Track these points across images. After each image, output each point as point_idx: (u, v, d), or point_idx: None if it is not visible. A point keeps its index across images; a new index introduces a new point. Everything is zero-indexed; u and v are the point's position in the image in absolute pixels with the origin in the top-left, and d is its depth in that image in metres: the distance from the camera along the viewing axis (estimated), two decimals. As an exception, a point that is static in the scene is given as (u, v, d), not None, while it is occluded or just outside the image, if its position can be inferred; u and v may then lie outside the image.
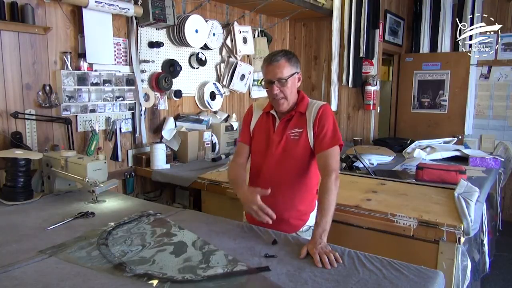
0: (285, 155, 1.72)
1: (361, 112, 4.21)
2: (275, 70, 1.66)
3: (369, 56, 3.99)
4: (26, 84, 2.30)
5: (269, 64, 1.68)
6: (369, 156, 3.06)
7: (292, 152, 1.71)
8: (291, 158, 1.72)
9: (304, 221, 1.76)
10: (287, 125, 1.74)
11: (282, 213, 1.70)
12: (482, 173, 2.72)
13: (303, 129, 1.71)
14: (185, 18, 3.05)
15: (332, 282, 1.22)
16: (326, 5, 3.95)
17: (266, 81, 1.70)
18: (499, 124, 4.48)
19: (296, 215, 1.74)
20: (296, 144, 1.71)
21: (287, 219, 1.72)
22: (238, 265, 1.33)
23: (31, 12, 2.24)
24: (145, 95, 2.93)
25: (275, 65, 1.66)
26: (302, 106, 1.74)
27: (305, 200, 1.76)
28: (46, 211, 1.88)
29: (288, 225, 1.71)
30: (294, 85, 1.71)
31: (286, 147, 1.72)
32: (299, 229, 1.75)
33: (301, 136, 1.71)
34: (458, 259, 1.74)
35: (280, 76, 1.66)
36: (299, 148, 1.71)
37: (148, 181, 2.98)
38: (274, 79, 1.66)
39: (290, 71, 1.68)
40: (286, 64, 1.66)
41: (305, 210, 1.76)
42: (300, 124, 1.73)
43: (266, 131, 1.79)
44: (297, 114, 1.74)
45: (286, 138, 1.72)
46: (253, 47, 3.75)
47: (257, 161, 1.82)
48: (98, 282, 1.21)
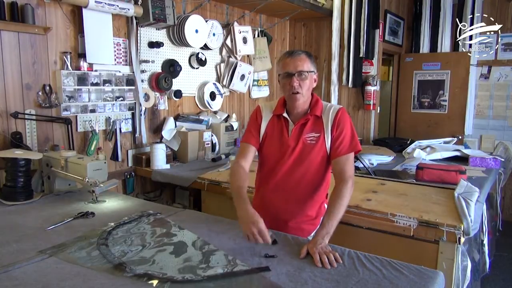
0: (300, 160, 1.69)
1: (361, 112, 4.21)
2: (296, 63, 1.63)
3: (369, 56, 3.99)
4: (26, 84, 2.30)
5: (290, 57, 1.65)
6: (369, 156, 3.06)
7: (308, 157, 1.68)
8: (306, 163, 1.68)
9: (315, 225, 1.72)
10: (303, 129, 1.70)
11: (293, 219, 1.71)
12: (482, 173, 2.72)
13: (320, 133, 1.68)
14: (185, 18, 3.05)
15: (332, 282, 1.22)
16: (326, 5, 3.95)
17: (285, 74, 1.65)
18: (499, 124, 4.48)
19: (307, 220, 1.73)
20: (313, 149, 1.67)
21: (298, 225, 1.71)
22: (238, 265, 1.33)
23: (31, 12, 2.24)
24: (145, 95, 2.93)
25: (297, 58, 1.64)
26: (318, 109, 1.70)
27: (316, 205, 1.74)
28: (46, 211, 1.88)
29: (299, 230, 1.69)
30: (311, 83, 1.69)
31: (302, 152, 1.68)
32: (311, 234, 1.70)
33: (318, 141, 1.67)
34: (458, 259, 1.74)
35: (301, 68, 1.63)
36: (316, 153, 1.67)
37: (148, 181, 2.98)
38: (294, 71, 1.63)
39: (311, 67, 1.66)
40: (307, 59, 1.66)
41: (316, 215, 1.74)
42: (316, 128, 1.69)
43: (279, 135, 1.72)
44: (313, 117, 1.70)
45: (302, 143, 1.68)
46: (253, 47, 3.75)
47: (269, 166, 1.77)
48: (98, 282, 1.21)
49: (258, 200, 1.81)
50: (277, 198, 1.73)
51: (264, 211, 1.64)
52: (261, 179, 1.81)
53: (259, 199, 1.81)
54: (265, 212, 1.64)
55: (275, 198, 1.73)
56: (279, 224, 1.67)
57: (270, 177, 1.75)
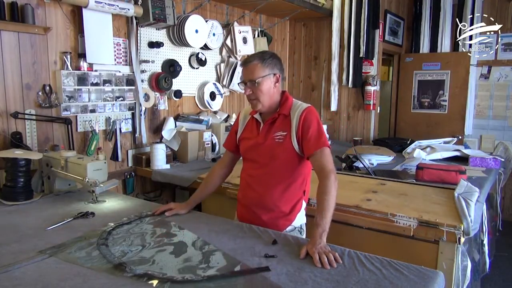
0: (270, 158, 1.74)
1: (361, 112, 4.22)
2: (247, 71, 1.72)
3: (369, 56, 3.99)
4: (26, 84, 2.30)
5: (243, 65, 1.75)
6: (369, 156, 3.06)
7: (276, 155, 1.73)
8: (276, 161, 1.73)
9: (290, 221, 1.76)
10: (271, 128, 1.76)
11: (268, 213, 1.75)
12: (482, 173, 2.72)
13: (287, 132, 1.72)
14: (185, 18, 3.05)
15: (332, 282, 1.22)
16: (326, 5, 3.95)
17: (241, 82, 1.78)
18: (499, 124, 4.48)
19: (282, 216, 1.75)
20: (281, 147, 1.72)
21: (273, 220, 1.74)
22: (238, 265, 1.33)
23: (31, 12, 2.24)
24: (145, 95, 2.93)
25: (247, 66, 1.72)
26: (285, 108, 1.75)
27: (290, 201, 1.76)
28: (46, 211, 1.88)
29: (274, 225, 1.72)
30: (269, 86, 1.72)
31: (271, 150, 1.73)
32: (284, 229, 1.74)
33: (285, 139, 1.72)
34: (458, 259, 1.74)
35: (251, 77, 1.70)
36: (284, 151, 1.72)
37: (148, 181, 2.98)
38: (246, 80, 1.72)
39: (263, 73, 1.70)
40: (258, 65, 1.70)
41: (290, 211, 1.76)
42: (284, 127, 1.74)
43: (252, 135, 1.82)
44: (281, 116, 1.76)
45: (270, 141, 1.74)
46: (253, 47, 3.75)
47: (245, 164, 1.87)
48: (98, 282, 1.21)
49: (240, 194, 1.89)
50: (252, 195, 1.79)
51: (244, 206, 1.85)
52: (241, 177, 1.90)
53: (240, 194, 1.89)
54: (244, 207, 1.85)
55: (251, 195, 1.80)
56: (256, 219, 1.75)
57: (247, 174, 1.84)
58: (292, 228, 1.77)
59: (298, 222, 1.78)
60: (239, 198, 1.89)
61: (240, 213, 1.87)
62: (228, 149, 1.96)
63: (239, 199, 1.89)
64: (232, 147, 1.93)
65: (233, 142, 1.92)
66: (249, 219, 1.77)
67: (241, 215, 1.86)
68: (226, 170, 1.97)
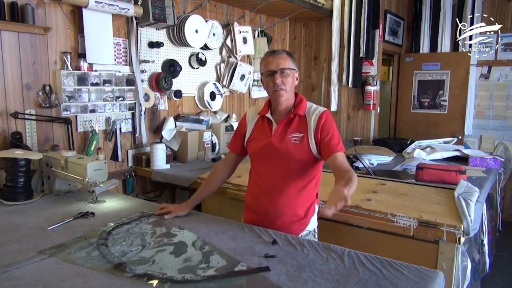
0: (285, 160, 1.69)
1: (361, 112, 4.22)
2: (278, 61, 1.67)
3: (369, 56, 3.99)
4: (26, 84, 2.30)
5: (272, 55, 1.70)
6: (369, 156, 3.06)
7: (292, 157, 1.68)
8: (291, 163, 1.69)
9: (305, 225, 1.73)
10: (287, 129, 1.71)
11: (282, 218, 1.70)
12: (482, 173, 2.72)
13: (304, 134, 1.69)
14: (185, 18, 3.05)
15: (332, 282, 1.22)
16: (326, 5, 3.95)
17: (267, 72, 1.69)
18: (499, 124, 4.48)
19: (296, 220, 1.72)
20: (297, 148, 1.68)
21: (287, 224, 1.70)
22: (238, 265, 1.33)
23: (31, 12, 2.24)
24: (145, 95, 2.93)
25: (279, 56, 1.69)
26: (301, 108, 1.72)
27: (305, 204, 1.73)
28: (46, 211, 1.88)
29: (288, 229, 1.68)
30: (293, 81, 1.71)
31: (286, 151, 1.69)
32: (299, 233, 1.71)
33: (302, 141, 1.68)
34: (458, 259, 1.74)
35: (283, 66, 1.67)
36: (300, 153, 1.68)
37: (148, 181, 2.98)
38: (276, 69, 1.67)
39: (292, 65, 1.70)
40: (288, 58, 1.70)
41: (305, 215, 1.73)
42: (300, 129, 1.70)
43: (264, 135, 1.75)
44: (296, 117, 1.72)
45: (286, 143, 1.69)
46: (253, 47, 3.75)
47: (256, 166, 1.80)
48: (98, 282, 1.21)
49: (249, 199, 1.83)
50: (265, 198, 1.74)
51: (254, 210, 1.77)
52: (250, 179, 1.84)
53: (250, 198, 1.83)
54: (255, 211, 1.78)
55: (263, 198, 1.74)
56: (269, 223, 1.69)
57: (258, 177, 1.78)
58: (307, 232, 1.74)
59: (312, 226, 1.75)
60: (248, 203, 1.82)
61: (250, 219, 1.78)
62: (234, 152, 1.88)
63: (247, 204, 1.82)
64: (238, 150, 1.86)
65: (240, 144, 1.85)
66: (261, 223, 1.69)
67: (250, 221, 1.76)
68: (229, 170, 1.92)
